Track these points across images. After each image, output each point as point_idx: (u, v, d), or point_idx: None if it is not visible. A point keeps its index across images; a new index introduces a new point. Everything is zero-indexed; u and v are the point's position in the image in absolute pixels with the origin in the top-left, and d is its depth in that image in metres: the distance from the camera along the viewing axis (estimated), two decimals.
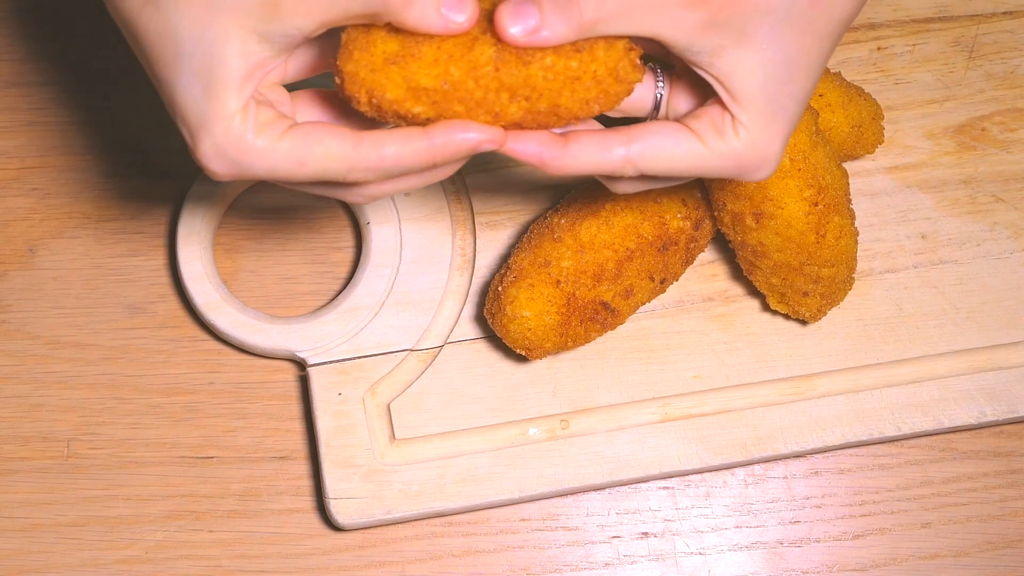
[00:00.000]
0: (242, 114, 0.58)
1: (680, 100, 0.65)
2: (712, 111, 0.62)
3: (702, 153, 0.62)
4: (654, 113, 0.65)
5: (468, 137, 0.59)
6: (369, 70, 0.58)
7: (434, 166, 0.60)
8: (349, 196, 0.63)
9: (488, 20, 0.59)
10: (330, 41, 0.61)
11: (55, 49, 0.90)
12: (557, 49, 0.59)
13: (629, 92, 0.61)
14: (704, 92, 0.64)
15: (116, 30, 0.91)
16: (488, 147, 0.59)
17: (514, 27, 0.58)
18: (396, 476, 0.78)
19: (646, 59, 0.64)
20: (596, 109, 0.60)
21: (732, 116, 0.61)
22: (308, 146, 0.59)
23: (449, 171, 0.63)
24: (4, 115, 0.88)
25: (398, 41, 0.58)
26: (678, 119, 0.63)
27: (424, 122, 0.59)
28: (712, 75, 0.61)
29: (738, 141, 0.61)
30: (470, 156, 0.61)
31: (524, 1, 0.58)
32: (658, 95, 0.65)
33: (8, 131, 0.88)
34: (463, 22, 0.58)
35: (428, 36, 0.58)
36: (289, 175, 0.60)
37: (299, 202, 0.87)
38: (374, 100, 0.59)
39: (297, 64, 0.63)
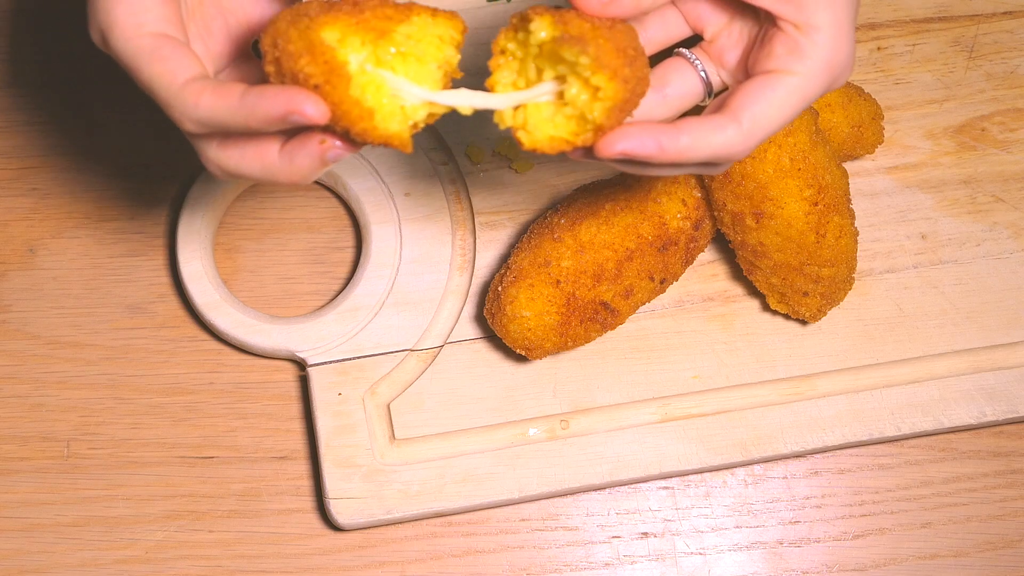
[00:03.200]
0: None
1: (726, 62, 0.64)
2: (776, 42, 0.61)
3: (799, 83, 0.61)
4: (709, 90, 0.65)
5: (279, 100, 0.55)
6: (285, 22, 0.57)
7: (247, 128, 0.57)
8: (201, 154, 0.62)
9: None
10: None
11: (55, 49, 0.90)
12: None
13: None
14: (742, 39, 0.63)
15: None
16: (301, 118, 0.55)
17: None
18: (396, 476, 0.78)
19: (659, 56, 0.64)
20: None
21: (800, 28, 0.60)
22: (158, 45, 0.59)
23: (298, 172, 0.59)
24: (4, 115, 0.88)
25: (329, 6, 0.57)
26: (749, 74, 0.62)
27: (313, 89, 0.56)
28: None
29: (821, 48, 0.61)
30: (288, 127, 0.56)
31: None
32: (702, 73, 0.64)
33: (8, 131, 0.88)
34: None
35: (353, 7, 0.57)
36: (127, 51, 0.60)
37: (299, 202, 0.87)
38: (277, 51, 0.57)
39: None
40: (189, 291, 0.81)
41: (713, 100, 0.63)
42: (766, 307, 0.83)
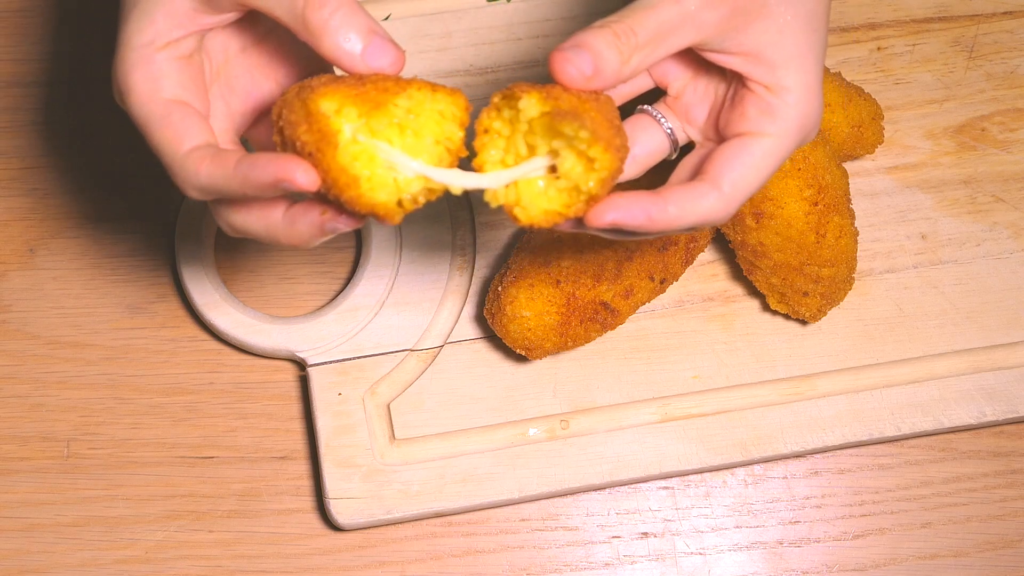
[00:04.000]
0: (158, 46, 0.61)
1: (692, 118, 0.65)
2: (748, 104, 0.62)
3: (773, 144, 0.62)
4: (675, 145, 0.65)
5: (269, 168, 0.56)
6: (293, 92, 0.58)
7: (244, 195, 0.59)
8: (213, 211, 0.63)
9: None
10: None
11: (55, 49, 0.90)
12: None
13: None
14: (708, 96, 0.64)
15: (116, 31, 0.91)
16: (291, 186, 0.57)
17: (572, 69, 0.59)
18: (396, 476, 0.78)
19: (626, 109, 0.64)
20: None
21: (771, 90, 0.61)
22: (169, 112, 0.60)
23: (299, 237, 0.60)
24: (4, 115, 0.88)
25: (335, 79, 0.58)
26: (721, 134, 0.63)
27: (307, 157, 0.57)
28: (743, 54, 0.61)
29: (793, 108, 0.62)
30: (281, 193, 0.58)
31: (575, 46, 0.59)
32: (667, 130, 0.65)
33: (8, 131, 0.88)
34: (385, 65, 0.59)
35: (373, 81, 0.58)
36: (140, 115, 0.61)
37: None
38: (281, 121, 0.58)
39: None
40: (189, 291, 0.81)
41: (685, 159, 0.64)
42: (766, 307, 0.83)
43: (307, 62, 0.65)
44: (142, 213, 0.86)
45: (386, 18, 0.89)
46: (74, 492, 0.80)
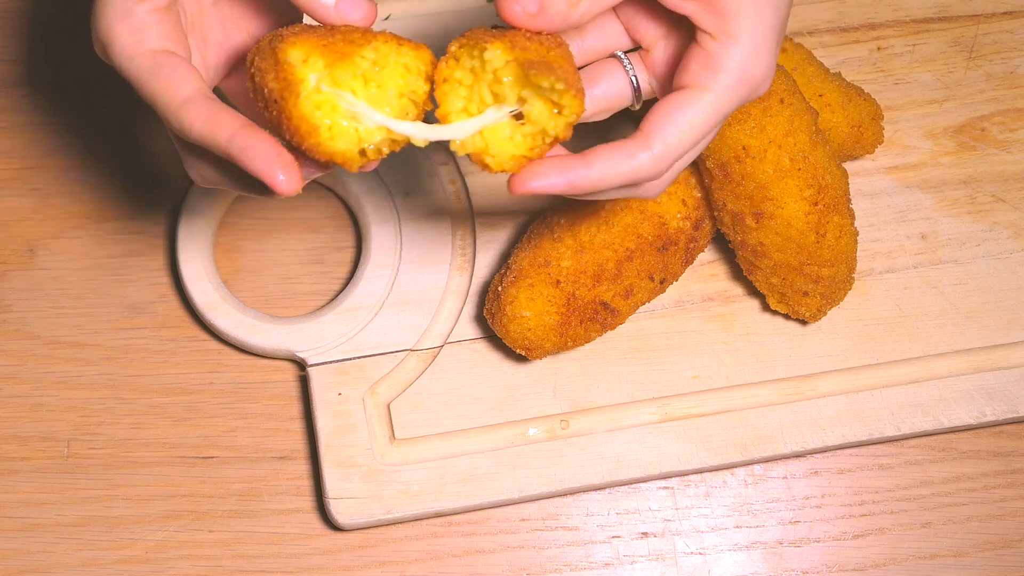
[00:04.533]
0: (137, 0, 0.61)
1: (659, 74, 0.65)
2: (694, 56, 0.61)
3: (712, 99, 0.61)
4: (638, 95, 0.65)
5: (258, 163, 0.58)
6: (265, 40, 0.60)
7: (229, 157, 0.60)
8: (184, 161, 0.64)
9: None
10: None
11: (55, 49, 0.90)
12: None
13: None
14: (677, 53, 0.64)
15: None
16: (271, 186, 0.59)
17: (516, 7, 0.60)
18: (396, 476, 0.78)
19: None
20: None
21: (716, 39, 0.60)
22: (158, 63, 0.61)
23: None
24: (4, 115, 0.88)
25: (306, 28, 0.60)
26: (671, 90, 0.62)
27: (273, 104, 0.59)
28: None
29: (736, 61, 0.61)
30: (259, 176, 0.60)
31: None
32: (632, 77, 0.65)
33: (8, 131, 0.88)
34: (357, 18, 0.60)
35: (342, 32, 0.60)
36: (129, 68, 0.61)
37: (299, 202, 0.87)
38: (253, 68, 0.60)
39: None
40: (189, 291, 0.81)
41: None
42: (766, 307, 0.83)
43: (279, 14, 0.66)
44: (142, 213, 0.86)
45: (386, 18, 0.89)
46: (74, 492, 0.80)
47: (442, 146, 0.86)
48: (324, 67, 0.59)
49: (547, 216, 0.79)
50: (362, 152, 0.60)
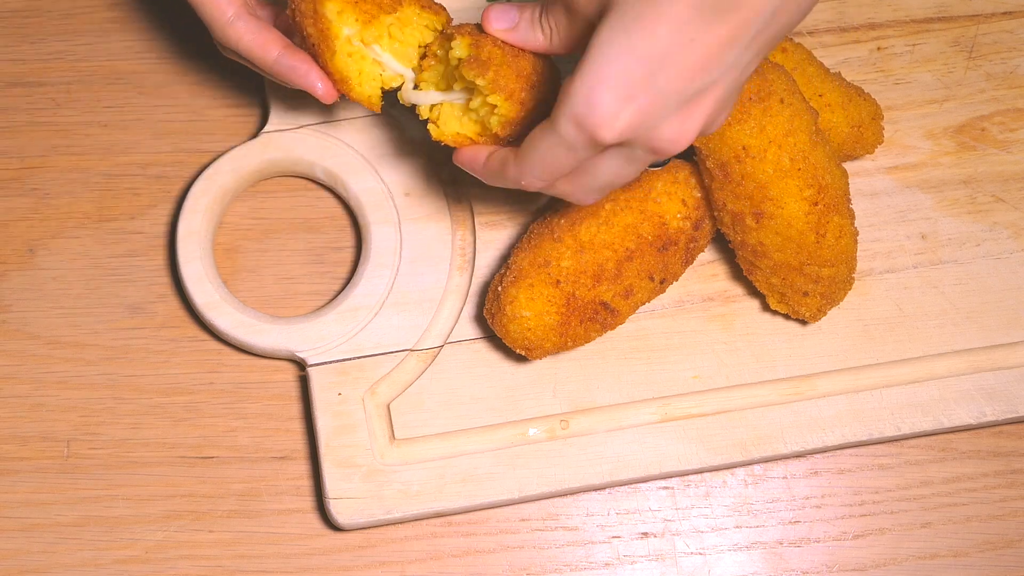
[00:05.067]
0: None
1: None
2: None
3: (550, 129, 0.63)
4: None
5: (301, 80, 0.74)
6: None
7: (273, 73, 0.75)
8: (214, 33, 0.76)
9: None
10: None
11: (55, 49, 0.90)
12: None
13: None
14: None
15: (117, 30, 0.91)
16: (312, 93, 0.74)
17: (495, 22, 0.69)
18: (396, 476, 0.78)
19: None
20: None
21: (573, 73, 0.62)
22: None
23: (284, 79, 0.75)
24: (4, 115, 0.88)
25: None
26: None
27: (311, 47, 0.73)
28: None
29: (567, 95, 0.61)
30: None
31: (508, 8, 0.69)
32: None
33: (8, 131, 0.88)
34: None
35: None
36: None
37: (299, 202, 0.87)
38: (293, 7, 0.72)
39: None
40: (189, 291, 0.81)
41: None
42: (766, 307, 0.83)
43: None
44: (142, 213, 0.86)
45: None
46: (74, 492, 0.80)
47: (442, 147, 0.86)
48: (356, 23, 0.72)
49: (547, 216, 0.79)
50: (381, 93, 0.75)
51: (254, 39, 0.74)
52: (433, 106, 0.74)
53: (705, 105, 0.62)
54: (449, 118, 0.73)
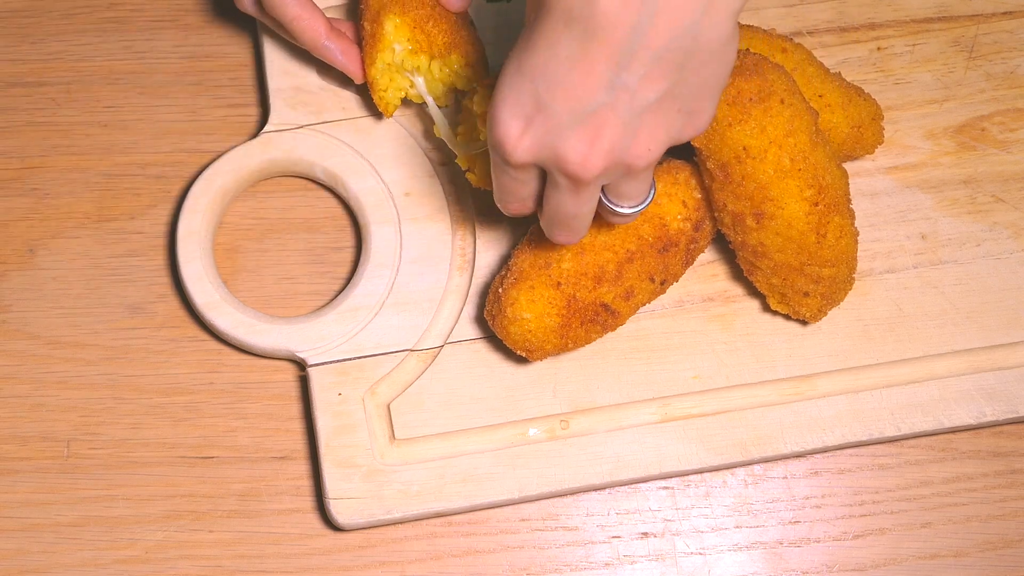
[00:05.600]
0: None
1: None
2: None
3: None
4: None
5: (340, 65, 0.83)
6: None
7: (317, 52, 0.82)
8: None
9: None
10: None
11: (55, 49, 0.90)
12: None
13: None
14: None
15: (117, 30, 0.91)
16: (351, 76, 0.83)
17: None
18: (396, 476, 0.78)
19: None
20: None
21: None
22: None
23: (327, 57, 0.83)
24: (4, 115, 0.88)
25: (410, 5, 0.79)
26: None
27: (364, 38, 0.81)
28: None
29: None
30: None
31: None
32: None
33: (8, 131, 0.88)
34: (455, 6, 0.81)
35: None
36: None
37: (299, 202, 0.87)
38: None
39: None
40: (189, 291, 0.81)
41: None
42: (766, 307, 0.83)
43: None
44: (142, 213, 0.86)
45: None
46: (74, 492, 0.80)
47: (444, 147, 0.86)
48: (407, 42, 0.79)
49: None
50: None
51: (308, 26, 0.81)
52: (470, 156, 0.79)
53: (604, 128, 0.62)
54: (484, 168, 0.78)
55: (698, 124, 0.64)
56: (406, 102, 0.86)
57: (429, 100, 0.81)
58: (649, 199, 0.69)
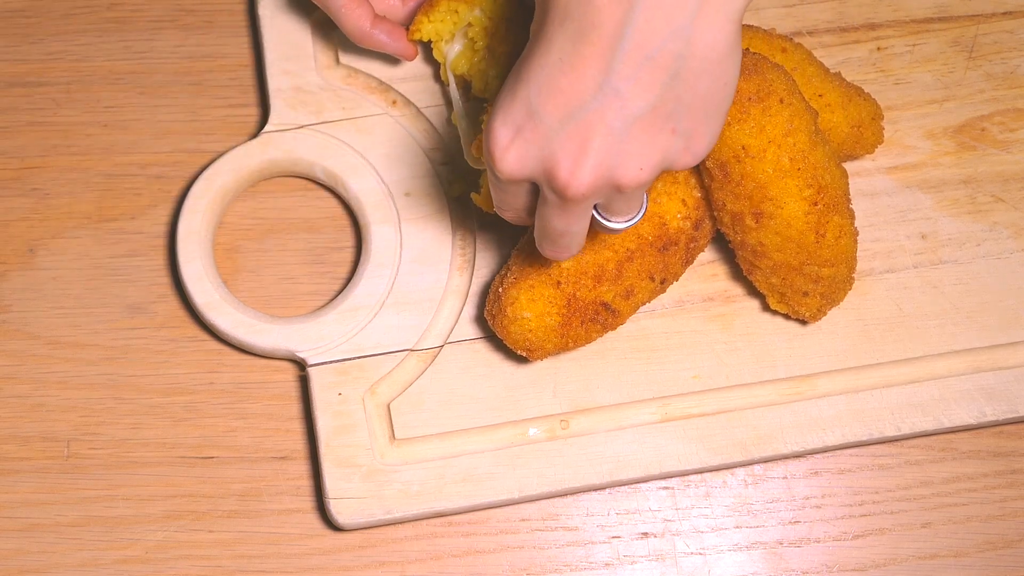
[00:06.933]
0: None
1: None
2: None
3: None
4: None
5: (390, 49, 0.84)
6: None
7: (365, 39, 0.83)
8: None
9: None
10: None
11: (55, 49, 0.90)
12: None
13: None
14: None
15: (117, 30, 0.91)
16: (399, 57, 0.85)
17: None
18: (396, 476, 0.78)
19: None
20: None
21: None
22: None
23: (370, 42, 0.83)
24: (4, 115, 0.88)
25: None
26: None
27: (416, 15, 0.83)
28: None
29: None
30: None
31: None
32: None
33: (8, 131, 0.88)
34: None
35: None
36: None
37: (299, 202, 0.87)
38: None
39: None
40: (189, 291, 0.81)
41: None
42: (766, 307, 0.83)
43: None
44: (142, 213, 0.86)
45: None
46: (74, 492, 0.80)
47: (442, 147, 0.86)
48: (455, 26, 0.82)
49: None
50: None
51: (355, 15, 0.82)
52: (482, 188, 0.80)
53: (592, 138, 0.61)
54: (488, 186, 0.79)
55: (696, 150, 0.63)
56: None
57: (452, 84, 0.83)
58: (640, 215, 0.68)
